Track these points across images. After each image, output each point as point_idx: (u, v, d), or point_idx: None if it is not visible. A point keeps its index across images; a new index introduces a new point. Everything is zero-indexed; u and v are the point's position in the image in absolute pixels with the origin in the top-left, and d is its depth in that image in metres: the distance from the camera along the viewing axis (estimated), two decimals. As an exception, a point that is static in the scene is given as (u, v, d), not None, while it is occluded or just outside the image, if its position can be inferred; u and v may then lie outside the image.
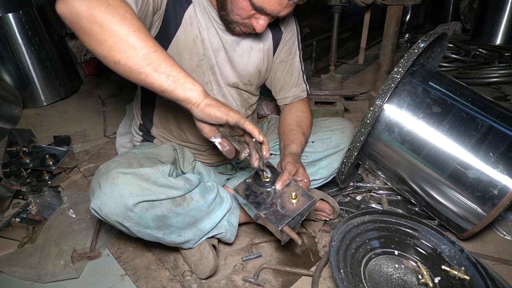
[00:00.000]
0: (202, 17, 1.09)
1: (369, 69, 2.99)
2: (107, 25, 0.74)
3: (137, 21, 0.78)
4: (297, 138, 1.21)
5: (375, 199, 1.45)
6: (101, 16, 0.73)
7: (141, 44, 0.76)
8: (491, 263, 1.16)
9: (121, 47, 0.75)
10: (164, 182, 0.96)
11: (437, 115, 1.11)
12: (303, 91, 1.35)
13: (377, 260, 1.08)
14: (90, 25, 0.74)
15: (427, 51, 1.28)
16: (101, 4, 0.74)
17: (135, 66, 0.77)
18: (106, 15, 0.74)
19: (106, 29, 0.74)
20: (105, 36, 0.75)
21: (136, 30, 0.76)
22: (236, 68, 1.20)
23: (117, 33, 0.74)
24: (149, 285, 1.10)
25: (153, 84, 0.80)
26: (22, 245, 1.24)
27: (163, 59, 0.79)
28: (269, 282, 1.11)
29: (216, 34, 1.13)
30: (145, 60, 0.77)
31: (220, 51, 1.15)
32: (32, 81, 2.27)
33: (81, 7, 0.73)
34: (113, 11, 0.74)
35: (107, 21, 0.74)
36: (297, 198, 0.97)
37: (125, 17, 0.75)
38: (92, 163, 1.73)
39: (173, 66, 0.80)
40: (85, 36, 0.76)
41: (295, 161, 1.09)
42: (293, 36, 1.29)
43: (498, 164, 1.04)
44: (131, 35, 0.75)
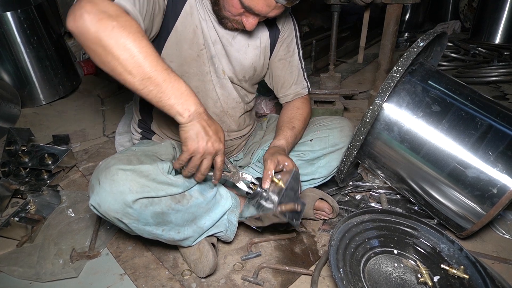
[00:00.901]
0: (202, 10, 1.11)
1: (369, 68, 2.99)
2: (110, 49, 0.80)
3: (139, 44, 0.81)
4: (283, 133, 1.23)
5: (375, 198, 1.45)
6: (106, 40, 0.79)
7: (138, 70, 0.82)
8: (490, 262, 1.16)
9: (120, 70, 0.82)
10: (163, 179, 0.96)
11: (437, 114, 1.11)
12: (304, 89, 1.35)
13: (377, 259, 1.08)
14: (95, 47, 0.81)
15: (427, 50, 1.28)
16: (107, 28, 0.79)
17: (132, 87, 0.85)
18: (110, 39, 0.79)
19: (108, 52, 0.80)
20: (107, 58, 0.81)
21: (136, 55, 0.81)
22: (232, 62, 1.21)
23: (117, 57, 0.80)
24: (149, 284, 1.10)
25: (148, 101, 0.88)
26: (21, 244, 1.23)
27: (156, 84, 0.84)
28: (269, 281, 1.11)
29: (213, 28, 1.14)
30: (140, 84, 0.84)
31: (217, 43, 1.16)
32: (30, 80, 2.26)
33: (89, 29, 0.79)
34: (117, 36, 0.79)
35: (110, 45, 0.79)
36: (281, 180, 1.04)
37: (127, 41, 0.80)
38: (91, 162, 1.73)
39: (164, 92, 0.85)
40: (90, 53, 0.83)
41: (271, 155, 1.12)
42: (291, 34, 1.29)
43: (497, 163, 1.04)
44: (129, 61, 0.81)
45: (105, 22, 0.79)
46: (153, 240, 1.06)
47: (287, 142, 1.21)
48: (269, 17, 1.07)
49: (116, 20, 0.80)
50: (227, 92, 1.24)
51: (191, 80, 1.19)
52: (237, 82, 1.26)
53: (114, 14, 0.81)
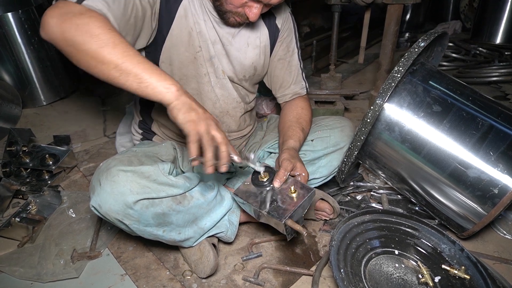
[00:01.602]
0: (200, 10, 1.10)
1: (369, 69, 2.99)
2: (79, 47, 0.81)
3: (106, 35, 0.81)
4: (295, 134, 1.21)
5: (375, 199, 1.45)
6: (73, 38, 0.80)
7: (109, 58, 0.81)
8: (491, 262, 1.16)
9: (93, 63, 0.82)
10: (164, 180, 0.96)
11: (438, 114, 1.11)
12: (303, 88, 1.35)
13: (378, 260, 1.08)
14: (67, 48, 0.83)
15: (427, 50, 1.28)
16: (71, 27, 0.80)
17: (109, 77, 0.83)
18: (75, 37, 0.80)
19: (79, 50, 0.81)
20: (80, 56, 0.82)
21: (104, 46, 0.80)
22: (232, 62, 1.21)
23: (87, 52, 0.81)
24: (149, 284, 1.10)
25: (131, 90, 0.85)
26: (22, 245, 1.24)
27: (132, 68, 0.82)
28: (269, 281, 1.11)
29: (212, 27, 1.13)
30: (116, 71, 0.82)
31: (217, 43, 1.16)
32: (31, 81, 2.26)
33: (56, 32, 0.81)
34: (81, 32, 0.80)
35: (78, 42, 0.80)
36: (296, 191, 1.00)
37: (93, 35, 0.80)
38: (92, 163, 1.73)
39: (143, 72, 0.83)
40: (67, 56, 0.84)
41: (291, 157, 1.09)
42: (290, 33, 1.29)
43: (498, 163, 1.04)
44: (100, 52, 0.80)
45: (69, 22, 0.80)
46: (154, 241, 1.06)
47: (300, 144, 1.21)
48: (271, 4, 1.05)
49: (79, 18, 0.81)
50: (227, 92, 1.24)
51: (190, 82, 1.19)
52: (238, 82, 1.26)
53: (78, 12, 0.82)
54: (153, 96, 0.84)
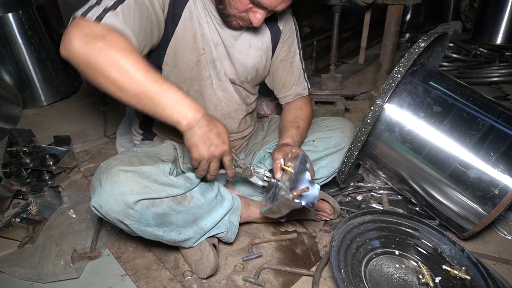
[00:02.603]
0: (203, 12, 1.10)
1: (370, 69, 2.99)
2: (100, 71, 0.82)
3: (126, 61, 0.83)
4: (288, 132, 1.23)
5: (376, 199, 1.45)
6: (95, 62, 0.82)
7: (129, 86, 0.83)
8: (492, 263, 1.16)
9: (113, 89, 0.85)
10: (164, 180, 0.96)
11: (438, 115, 1.11)
12: (305, 89, 1.36)
13: (378, 260, 1.07)
14: (87, 70, 0.84)
15: (428, 50, 1.28)
16: (94, 50, 0.81)
17: (128, 103, 0.87)
18: (98, 61, 0.81)
19: (99, 73, 0.83)
20: (100, 79, 0.84)
21: (125, 73, 0.82)
22: (234, 64, 1.21)
23: (107, 78, 0.83)
24: (150, 285, 1.10)
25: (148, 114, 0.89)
26: (22, 245, 1.24)
27: (149, 98, 0.85)
28: (270, 282, 1.11)
29: (215, 30, 1.13)
30: (135, 99, 0.86)
31: (219, 45, 1.16)
32: (32, 81, 2.27)
33: (79, 54, 0.82)
34: (105, 57, 0.81)
35: (99, 67, 0.82)
36: (290, 166, 1.07)
37: (114, 61, 0.82)
38: (92, 163, 1.73)
39: (160, 101, 0.86)
40: (85, 76, 0.86)
41: (278, 148, 1.14)
42: (292, 35, 1.29)
43: (499, 164, 1.03)
44: (120, 79, 0.83)
45: (92, 45, 0.81)
46: (154, 241, 1.06)
47: (293, 141, 1.21)
48: (276, 11, 1.05)
49: (102, 41, 0.82)
50: (229, 95, 1.24)
51: (193, 85, 1.19)
52: (239, 84, 1.26)
53: (101, 34, 0.83)
54: (169, 123, 0.90)
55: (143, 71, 0.84)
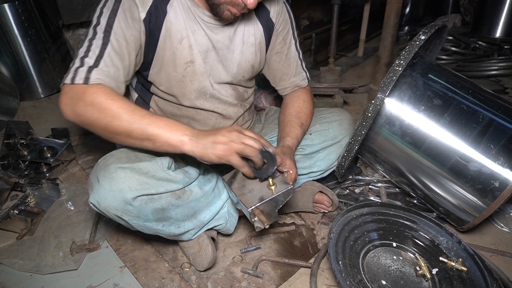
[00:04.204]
0: (188, 20, 1.06)
1: (369, 62, 2.98)
2: (92, 124, 0.90)
3: (111, 108, 0.87)
4: (293, 131, 1.20)
5: (374, 192, 1.45)
6: (85, 120, 0.90)
7: (120, 130, 0.89)
8: (488, 255, 1.17)
9: (109, 136, 0.92)
10: (163, 176, 0.96)
11: (438, 108, 1.11)
12: (304, 79, 1.33)
13: (376, 252, 1.08)
14: (85, 126, 0.92)
15: (426, 43, 1.27)
16: (80, 110, 0.89)
17: (127, 144, 0.93)
18: (87, 118, 0.89)
19: (94, 127, 0.91)
20: (97, 131, 0.92)
21: (111, 119, 0.88)
22: (228, 66, 1.17)
23: (101, 128, 0.90)
24: (148, 277, 1.10)
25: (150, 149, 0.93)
26: (20, 237, 1.24)
27: (142, 133, 0.88)
28: (268, 273, 1.11)
29: (204, 35, 1.09)
30: (130, 139, 0.90)
31: (210, 51, 1.11)
32: (29, 73, 2.25)
33: (71, 117, 0.91)
34: (90, 112, 0.88)
35: (91, 121, 0.89)
36: (275, 185, 0.99)
37: (100, 111, 0.87)
38: (90, 156, 1.73)
39: (154, 133, 0.88)
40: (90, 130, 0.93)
41: (282, 153, 1.07)
42: (286, 26, 1.25)
43: (499, 157, 1.04)
44: (110, 126, 0.88)
45: (77, 106, 0.89)
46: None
47: (298, 142, 1.20)
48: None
49: (83, 99, 0.88)
50: (224, 99, 1.21)
51: (182, 100, 1.16)
52: (237, 83, 1.23)
53: (81, 93, 0.88)
54: (173, 151, 0.90)
55: (128, 112, 0.88)
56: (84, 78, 0.90)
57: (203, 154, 0.88)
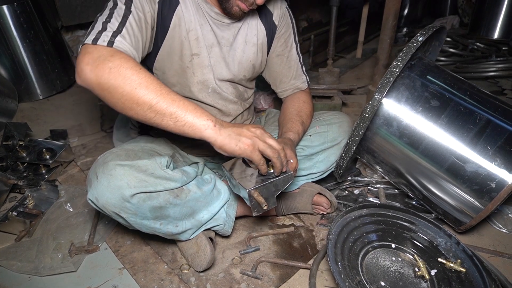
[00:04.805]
0: (197, 14, 1.08)
1: (367, 63, 2.99)
2: (113, 90, 0.83)
3: (138, 75, 0.83)
4: (295, 127, 1.21)
5: (373, 193, 1.45)
6: (106, 83, 0.82)
7: (144, 99, 0.82)
8: (486, 256, 1.17)
9: (129, 106, 0.84)
10: (161, 174, 0.96)
11: (436, 109, 1.11)
12: (304, 83, 1.35)
13: (374, 253, 1.08)
14: (102, 92, 0.84)
15: (425, 45, 1.28)
16: (104, 72, 0.82)
17: (145, 118, 0.85)
18: (109, 81, 0.82)
19: (114, 93, 0.83)
20: (115, 99, 0.84)
21: (137, 87, 0.82)
22: (230, 63, 1.19)
23: (122, 94, 0.83)
24: (147, 278, 1.10)
25: (168, 129, 0.86)
26: (19, 239, 1.23)
27: (166, 107, 0.83)
28: (267, 275, 1.11)
29: (210, 30, 1.12)
30: (151, 112, 0.84)
31: (214, 47, 1.14)
32: (27, 75, 2.25)
33: (91, 79, 0.83)
34: (115, 76, 0.82)
35: (112, 86, 0.82)
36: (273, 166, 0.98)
37: (126, 77, 0.82)
38: (89, 157, 1.73)
39: (178, 110, 0.84)
40: (103, 99, 0.86)
41: (284, 143, 1.07)
42: (288, 29, 1.28)
43: (496, 158, 1.04)
44: (133, 94, 0.82)
45: (102, 67, 0.82)
46: (152, 235, 1.06)
47: (299, 137, 1.20)
48: None
49: (111, 61, 0.83)
50: (225, 96, 1.23)
51: (184, 91, 1.17)
52: (237, 81, 1.25)
53: (109, 56, 0.84)
54: (192, 134, 0.86)
55: (156, 83, 0.84)
56: (108, 41, 0.86)
57: (225, 144, 0.87)
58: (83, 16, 2.70)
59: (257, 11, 1.19)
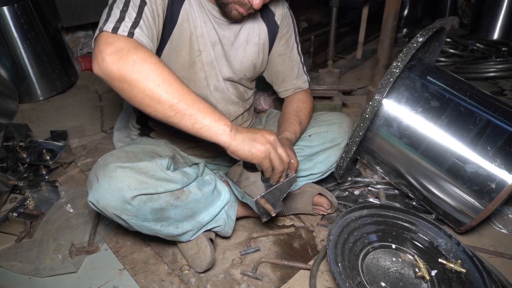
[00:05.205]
0: (200, 12, 1.09)
1: (367, 64, 2.99)
2: (135, 84, 0.81)
3: (161, 73, 0.82)
4: (292, 127, 1.21)
5: (373, 194, 1.45)
6: (129, 76, 0.80)
7: (165, 97, 0.82)
8: (487, 256, 1.17)
9: (148, 102, 0.83)
10: (162, 176, 0.96)
11: (436, 110, 1.11)
12: (305, 82, 1.35)
13: (375, 254, 1.08)
14: (121, 84, 0.82)
15: (425, 45, 1.28)
16: (128, 64, 0.80)
17: (163, 116, 0.84)
18: (132, 74, 0.80)
19: (134, 87, 0.81)
20: (134, 93, 0.82)
21: (161, 84, 0.81)
22: (231, 62, 1.20)
23: (143, 90, 0.81)
24: (148, 279, 1.10)
25: (184, 129, 0.86)
26: (19, 240, 1.23)
27: (187, 108, 0.83)
28: (267, 275, 1.11)
29: (213, 29, 1.12)
30: (171, 111, 0.83)
31: (216, 45, 1.14)
32: (28, 76, 2.25)
33: (113, 69, 0.81)
34: (138, 69, 0.80)
35: (134, 80, 0.81)
36: None
37: (149, 72, 0.81)
38: (89, 158, 1.73)
39: (198, 112, 0.84)
40: (118, 91, 0.84)
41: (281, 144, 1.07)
42: (289, 29, 1.29)
43: (496, 158, 1.04)
44: (156, 91, 0.81)
45: (125, 59, 0.80)
46: (152, 236, 1.06)
47: (296, 138, 1.21)
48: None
49: (135, 54, 0.81)
50: (227, 95, 1.23)
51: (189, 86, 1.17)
52: (238, 81, 1.25)
53: (132, 48, 0.82)
54: (208, 137, 0.87)
55: (178, 83, 0.84)
56: (129, 32, 0.85)
57: (239, 149, 0.88)
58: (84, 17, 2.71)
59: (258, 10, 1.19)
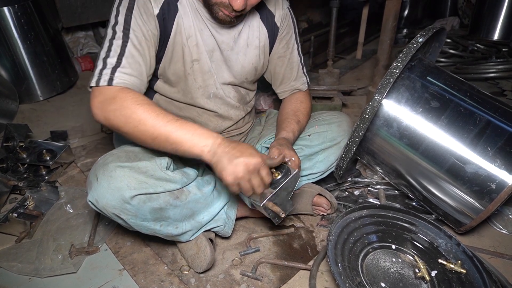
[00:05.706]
0: (195, 20, 1.08)
1: (367, 64, 2.99)
2: (120, 129, 0.92)
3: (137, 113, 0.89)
4: (289, 126, 1.21)
5: (373, 194, 1.45)
6: (114, 124, 0.91)
7: (145, 136, 0.90)
8: (487, 257, 1.17)
9: (135, 139, 0.93)
10: (161, 175, 0.97)
11: (436, 110, 1.11)
12: (304, 84, 1.35)
13: (375, 254, 1.08)
14: (113, 129, 0.94)
15: (425, 46, 1.28)
16: (109, 115, 0.91)
17: (152, 147, 0.93)
18: (115, 121, 0.91)
19: (122, 130, 0.92)
20: (123, 134, 0.93)
21: (138, 125, 0.89)
22: (232, 67, 1.19)
23: (127, 132, 0.91)
24: (147, 279, 1.10)
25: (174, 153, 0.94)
26: (19, 240, 1.23)
27: (166, 139, 0.90)
28: (267, 276, 1.11)
29: (210, 35, 1.11)
30: (155, 144, 0.92)
31: (215, 51, 1.14)
32: (28, 76, 2.25)
33: (100, 119, 0.93)
34: (117, 117, 0.90)
35: (117, 125, 0.91)
36: (279, 175, 1.00)
37: (126, 117, 0.89)
38: (89, 158, 1.73)
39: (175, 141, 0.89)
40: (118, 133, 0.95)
41: (279, 144, 1.08)
42: (289, 31, 1.28)
43: (496, 159, 1.04)
44: (136, 131, 0.90)
45: (106, 111, 0.90)
46: (152, 236, 1.06)
47: (294, 136, 1.20)
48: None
49: (112, 104, 0.90)
50: (226, 101, 1.23)
51: (185, 97, 1.18)
52: (239, 84, 1.25)
53: (111, 98, 0.91)
54: (195, 157, 0.92)
55: (153, 117, 0.89)
56: (108, 80, 0.92)
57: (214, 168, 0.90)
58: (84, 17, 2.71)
59: (257, 12, 1.19)
